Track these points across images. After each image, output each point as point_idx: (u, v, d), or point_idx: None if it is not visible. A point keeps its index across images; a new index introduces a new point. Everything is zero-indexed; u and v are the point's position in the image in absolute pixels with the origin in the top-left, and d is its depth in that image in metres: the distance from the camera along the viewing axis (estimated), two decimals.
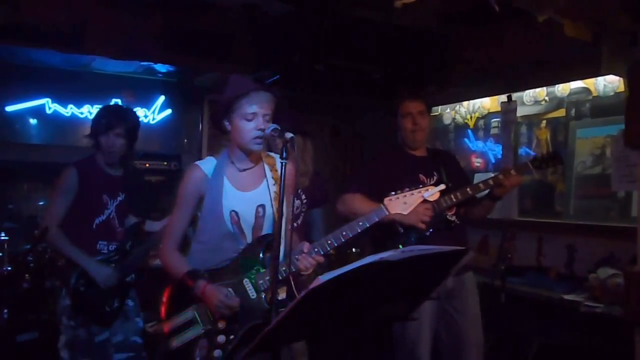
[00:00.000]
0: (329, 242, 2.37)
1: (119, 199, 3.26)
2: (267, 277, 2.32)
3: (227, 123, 2.39)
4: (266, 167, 2.48)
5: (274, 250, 2.16)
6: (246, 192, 2.42)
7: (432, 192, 2.42)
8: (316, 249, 2.35)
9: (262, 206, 2.43)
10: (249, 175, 2.45)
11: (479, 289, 3.30)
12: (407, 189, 2.43)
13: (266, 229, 2.44)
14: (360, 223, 2.38)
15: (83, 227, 3.14)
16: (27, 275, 3.93)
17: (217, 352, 2.27)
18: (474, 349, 3.12)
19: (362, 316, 1.90)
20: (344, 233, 2.37)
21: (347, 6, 4.43)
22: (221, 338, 2.29)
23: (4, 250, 3.98)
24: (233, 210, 2.38)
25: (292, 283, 2.79)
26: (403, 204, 2.41)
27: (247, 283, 2.33)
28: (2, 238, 4.04)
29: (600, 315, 3.41)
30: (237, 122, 2.33)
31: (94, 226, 3.16)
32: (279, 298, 2.37)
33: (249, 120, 2.31)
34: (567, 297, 3.67)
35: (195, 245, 2.44)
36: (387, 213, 2.43)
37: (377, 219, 2.41)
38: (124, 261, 3.22)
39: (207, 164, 2.43)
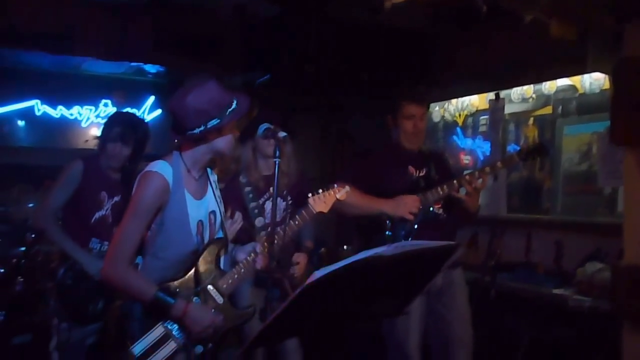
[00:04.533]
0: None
1: (116, 199, 3.27)
2: (230, 280, 2.31)
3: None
4: (209, 171, 2.39)
5: (270, 243, 2.24)
6: (200, 200, 2.29)
7: (342, 192, 2.72)
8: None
9: (213, 212, 2.35)
10: (200, 182, 2.31)
11: (468, 285, 3.33)
12: (321, 190, 2.70)
13: (217, 234, 2.38)
14: (297, 222, 2.68)
15: (80, 221, 3.16)
16: (19, 277, 3.92)
17: None
18: (463, 345, 3.14)
19: (354, 313, 1.93)
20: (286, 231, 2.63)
21: (336, 7, 4.46)
22: (199, 348, 2.20)
23: None
24: (200, 220, 2.27)
25: (286, 282, 2.84)
26: (323, 203, 2.67)
27: (211, 289, 2.26)
28: None
29: (588, 309, 3.47)
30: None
31: (92, 221, 3.19)
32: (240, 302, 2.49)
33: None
34: (555, 292, 3.72)
35: (151, 262, 2.23)
36: (314, 211, 2.67)
37: (308, 218, 2.69)
38: None
39: (166, 170, 2.18)
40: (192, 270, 2.24)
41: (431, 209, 3.11)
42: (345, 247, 4.88)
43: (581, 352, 3.49)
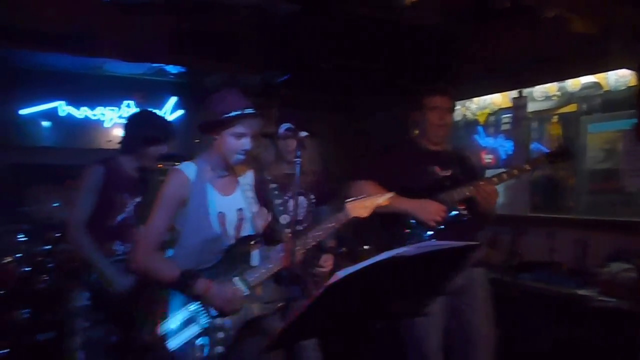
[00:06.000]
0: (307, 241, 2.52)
1: (137, 200, 3.30)
2: (257, 274, 2.43)
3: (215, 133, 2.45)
4: (239, 176, 2.59)
5: (292, 239, 2.30)
6: (227, 196, 2.51)
7: (385, 198, 2.61)
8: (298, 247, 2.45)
9: (241, 209, 2.53)
10: (226, 181, 2.54)
11: (490, 285, 3.30)
12: (364, 195, 2.60)
13: (246, 230, 2.53)
14: (331, 225, 2.57)
15: (104, 224, 3.16)
16: (44, 276, 3.98)
17: (218, 349, 2.31)
18: (485, 345, 3.10)
19: (376, 313, 1.92)
20: (317, 233, 2.55)
21: (353, 5, 4.45)
22: (220, 334, 2.33)
23: (22, 251, 4.03)
24: (220, 212, 2.46)
25: (309, 280, 2.85)
26: (363, 207, 2.57)
27: (237, 281, 2.40)
28: (20, 239, 4.10)
29: (612, 310, 3.41)
30: (225, 136, 2.40)
31: (115, 224, 3.20)
32: (264, 294, 2.49)
33: (238, 139, 2.40)
34: (578, 292, 3.68)
35: (178, 251, 2.44)
36: (350, 216, 2.57)
37: (342, 221, 2.58)
38: None
39: (189, 169, 2.45)
40: (220, 260, 2.41)
41: (455, 211, 3.07)
42: (365, 247, 4.86)
43: (605, 353, 3.44)
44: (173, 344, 2.28)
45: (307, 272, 2.91)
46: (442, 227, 3.03)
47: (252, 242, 2.49)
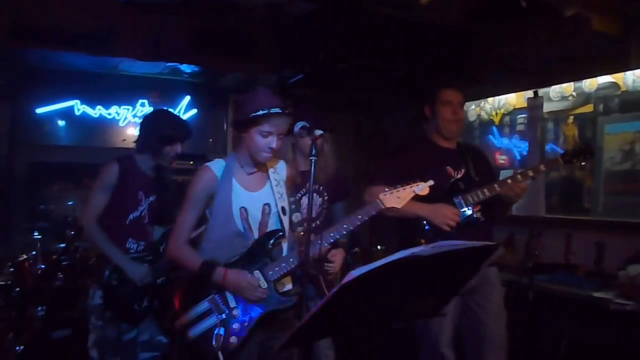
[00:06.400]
0: (332, 234, 2.53)
1: (151, 198, 3.31)
2: (277, 268, 2.49)
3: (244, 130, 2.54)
4: (269, 170, 2.66)
5: (306, 237, 2.30)
6: (253, 192, 2.59)
7: (423, 187, 2.56)
8: (320, 242, 2.50)
9: (268, 204, 2.60)
10: (254, 177, 2.61)
11: (506, 286, 3.27)
12: (399, 185, 2.56)
13: (271, 225, 2.59)
14: (359, 217, 2.53)
15: (117, 222, 3.19)
16: (59, 273, 4.01)
17: (233, 339, 2.41)
18: (496, 344, 3.07)
19: (390, 313, 1.91)
20: (345, 226, 2.53)
21: (370, 4, 4.43)
22: (236, 325, 2.43)
23: (38, 249, 4.07)
24: (242, 207, 2.54)
25: (321, 279, 2.84)
26: (397, 199, 2.54)
27: (257, 274, 2.48)
28: (36, 237, 4.13)
29: (630, 313, 3.37)
30: (253, 134, 2.47)
31: (127, 222, 3.22)
32: (285, 289, 2.56)
33: (264, 137, 2.46)
34: (596, 294, 3.63)
35: (205, 244, 2.57)
36: (383, 207, 2.54)
37: (374, 213, 2.54)
38: (157, 262, 3.27)
39: (217, 165, 2.56)
40: (242, 254, 2.50)
41: (470, 212, 3.03)
42: (379, 247, 4.85)
43: (623, 356, 3.40)
44: (193, 331, 2.41)
45: (320, 270, 2.90)
46: (456, 227, 2.99)
47: (277, 237, 2.54)
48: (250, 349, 2.46)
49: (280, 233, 2.56)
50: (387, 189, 2.56)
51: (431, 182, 2.60)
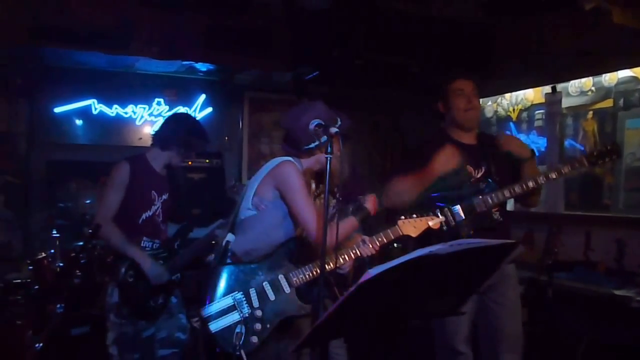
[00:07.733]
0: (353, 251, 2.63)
1: (164, 197, 3.33)
2: (301, 275, 2.52)
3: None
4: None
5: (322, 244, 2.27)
6: None
7: (436, 222, 2.71)
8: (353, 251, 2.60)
9: None
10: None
11: (525, 284, 3.23)
12: (415, 215, 2.69)
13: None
14: (380, 238, 2.66)
15: (130, 221, 3.21)
16: (77, 271, 4.04)
17: (253, 339, 2.41)
18: (511, 341, 3.03)
19: (408, 312, 1.89)
20: (365, 248, 2.65)
21: (385, 0, 4.40)
22: (257, 325, 2.43)
23: (56, 247, 4.10)
24: None
25: (333, 281, 2.83)
26: (413, 228, 2.67)
27: (281, 278, 2.51)
28: (54, 235, 4.17)
29: None
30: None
31: (140, 221, 3.23)
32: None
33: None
34: (617, 292, 3.58)
35: (259, 236, 2.62)
36: (400, 233, 2.66)
37: (393, 237, 2.67)
38: (172, 259, 3.28)
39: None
40: (269, 257, 2.54)
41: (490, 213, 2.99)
42: (395, 245, 4.81)
43: None
44: (214, 326, 2.41)
45: (332, 271, 2.89)
46: (476, 228, 2.95)
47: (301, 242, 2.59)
48: (270, 349, 2.46)
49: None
50: (403, 217, 2.68)
51: (442, 219, 2.78)
